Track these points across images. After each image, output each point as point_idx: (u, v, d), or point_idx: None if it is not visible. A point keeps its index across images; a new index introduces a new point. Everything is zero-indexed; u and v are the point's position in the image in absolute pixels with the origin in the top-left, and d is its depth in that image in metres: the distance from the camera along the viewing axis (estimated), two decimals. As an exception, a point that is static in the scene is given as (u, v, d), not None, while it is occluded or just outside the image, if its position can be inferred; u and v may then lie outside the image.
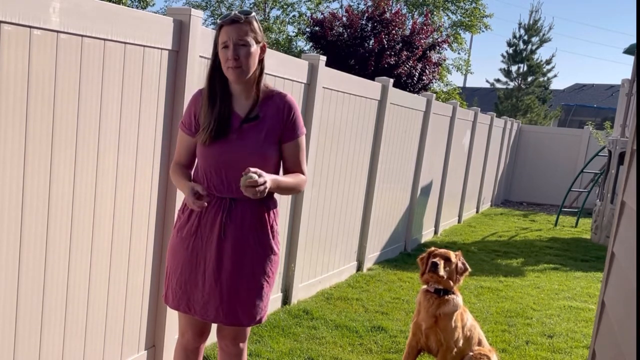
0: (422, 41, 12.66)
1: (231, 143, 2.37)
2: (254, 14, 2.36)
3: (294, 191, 2.53)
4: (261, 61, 2.40)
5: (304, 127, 2.51)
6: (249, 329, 2.59)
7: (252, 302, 2.44)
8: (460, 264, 3.43)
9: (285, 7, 23.53)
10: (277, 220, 2.52)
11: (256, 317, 2.47)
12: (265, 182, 2.20)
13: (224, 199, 2.38)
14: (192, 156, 2.52)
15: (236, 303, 2.42)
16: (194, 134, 2.45)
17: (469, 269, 3.48)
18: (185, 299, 2.45)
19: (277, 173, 2.46)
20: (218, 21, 2.35)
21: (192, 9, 3.12)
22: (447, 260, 3.40)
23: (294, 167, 2.48)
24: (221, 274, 2.40)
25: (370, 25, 12.56)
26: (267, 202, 2.45)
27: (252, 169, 2.20)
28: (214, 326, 2.61)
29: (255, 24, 2.34)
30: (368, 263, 6.40)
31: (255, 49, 2.33)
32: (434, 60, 12.75)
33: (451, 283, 3.41)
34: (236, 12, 2.32)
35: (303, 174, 2.50)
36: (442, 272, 3.35)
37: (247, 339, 2.60)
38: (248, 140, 2.38)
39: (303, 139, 2.50)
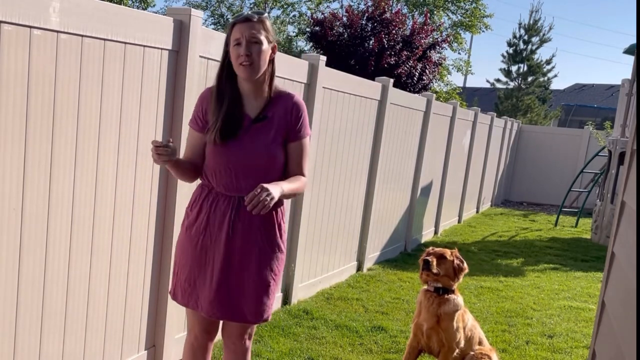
0: (422, 41, 12.66)
1: (240, 143, 2.39)
2: (267, 14, 2.40)
3: (297, 195, 2.53)
4: (272, 61, 2.42)
5: (309, 128, 2.52)
6: (254, 327, 2.62)
7: (260, 300, 2.47)
8: (456, 262, 3.43)
9: (285, 7, 23.54)
10: (285, 219, 2.55)
11: (263, 315, 2.51)
12: (269, 193, 2.19)
13: (233, 197, 2.40)
14: (197, 154, 2.48)
15: (243, 300, 2.44)
16: (202, 130, 2.45)
17: (466, 267, 3.48)
18: (195, 296, 2.47)
19: (282, 173, 2.46)
20: (231, 20, 2.37)
21: (192, 9, 3.12)
22: (440, 257, 3.41)
23: (296, 167, 2.47)
24: (229, 271, 2.42)
25: (370, 25, 12.54)
26: None
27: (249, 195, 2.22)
28: (221, 324, 2.63)
29: (267, 23, 2.37)
30: (368, 263, 6.40)
31: (266, 47, 2.35)
32: (434, 60, 12.74)
33: (450, 281, 3.41)
34: (249, 11, 2.37)
35: (304, 175, 2.50)
36: (434, 269, 3.36)
37: (252, 337, 2.63)
38: (257, 140, 2.40)
39: (308, 140, 2.51)
